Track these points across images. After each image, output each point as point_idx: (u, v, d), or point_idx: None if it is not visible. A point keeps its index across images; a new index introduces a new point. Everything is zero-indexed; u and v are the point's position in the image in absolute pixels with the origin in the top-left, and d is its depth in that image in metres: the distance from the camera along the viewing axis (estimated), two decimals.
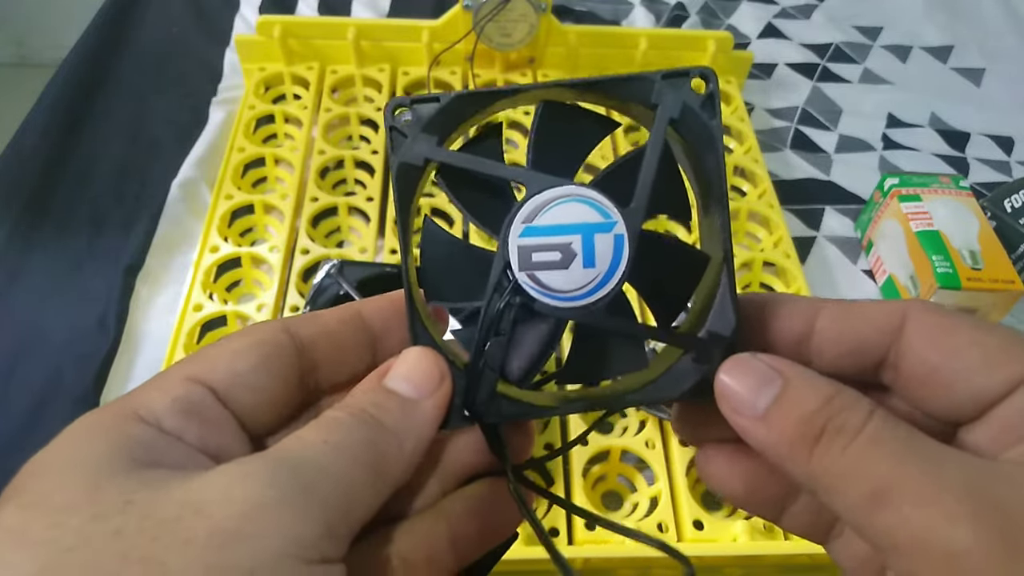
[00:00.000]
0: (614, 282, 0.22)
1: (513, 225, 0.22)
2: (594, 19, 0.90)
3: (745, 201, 0.67)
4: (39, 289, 0.61)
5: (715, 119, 0.22)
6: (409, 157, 0.22)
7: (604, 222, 0.22)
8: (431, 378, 0.21)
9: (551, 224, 0.22)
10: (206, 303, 0.56)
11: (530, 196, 0.22)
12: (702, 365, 0.22)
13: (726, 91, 0.77)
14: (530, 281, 0.22)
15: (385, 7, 0.89)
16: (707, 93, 0.22)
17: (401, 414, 0.20)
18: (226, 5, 0.88)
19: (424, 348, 0.22)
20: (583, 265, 0.22)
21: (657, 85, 0.23)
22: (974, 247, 0.60)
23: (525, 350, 0.23)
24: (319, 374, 0.22)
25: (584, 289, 0.22)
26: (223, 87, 0.78)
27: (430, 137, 0.22)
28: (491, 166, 0.22)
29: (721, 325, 0.22)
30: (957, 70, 0.89)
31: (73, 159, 0.71)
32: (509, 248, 0.22)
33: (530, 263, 0.22)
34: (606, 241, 0.22)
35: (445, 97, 0.23)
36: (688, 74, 0.23)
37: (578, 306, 0.22)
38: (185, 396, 0.19)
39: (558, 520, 0.47)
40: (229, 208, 0.62)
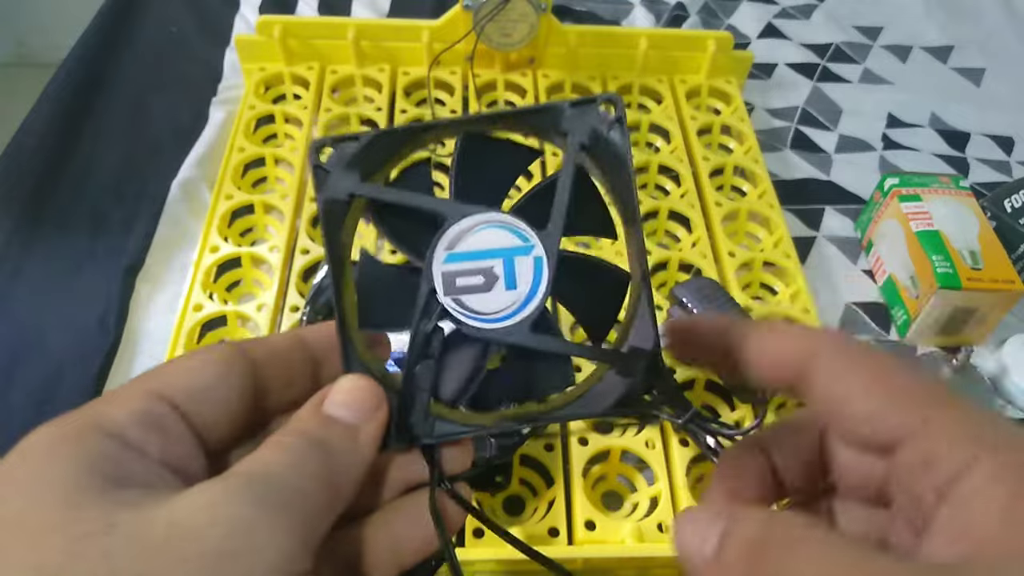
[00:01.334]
0: (536, 303, 0.23)
1: (436, 252, 0.23)
2: (594, 19, 0.90)
3: (745, 201, 0.67)
4: (39, 289, 0.61)
5: (623, 141, 0.24)
6: (332, 193, 0.23)
7: (523, 245, 0.23)
8: (368, 404, 0.22)
9: (473, 250, 0.23)
10: (206, 303, 0.56)
11: (451, 224, 0.23)
12: (626, 379, 0.23)
13: (726, 91, 0.77)
14: (455, 305, 0.23)
15: (385, 7, 0.89)
16: (615, 118, 0.24)
17: (345, 438, 0.21)
18: (226, 5, 0.88)
19: (359, 375, 0.23)
20: (505, 287, 0.23)
21: (567, 113, 0.24)
22: (974, 247, 0.60)
23: (456, 371, 0.24)
24: (269, 395, 0.23)
25: (507, 310, 0.23)
26: (223, 87, 0.78)
27: (352, 173, 0.23)
28: (412, 198, 0.24)
29: (642, 340, 0.23)
30: (957, 70, 0.89)
31: (73, 159, 0.71)
32: (433, 274, 0.23)
33: (454, 288, 0.23)
34: (526, 264, 0.23)
35: (365, 136, 0.24)
36: (595, 100, 0.24)
37: (502, 327, 0.23)
38: (146, 409, 0.20)
39: (558, 520, 0.47)
40: (229, 208, 0.62)
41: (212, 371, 0.21)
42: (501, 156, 0.25)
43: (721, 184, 0.70)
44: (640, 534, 0.46)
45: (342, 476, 0.21)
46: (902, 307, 0.62)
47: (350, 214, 0.24)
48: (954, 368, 0.57)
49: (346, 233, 0.24)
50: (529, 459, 0.50)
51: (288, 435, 0.21)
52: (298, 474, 0.19)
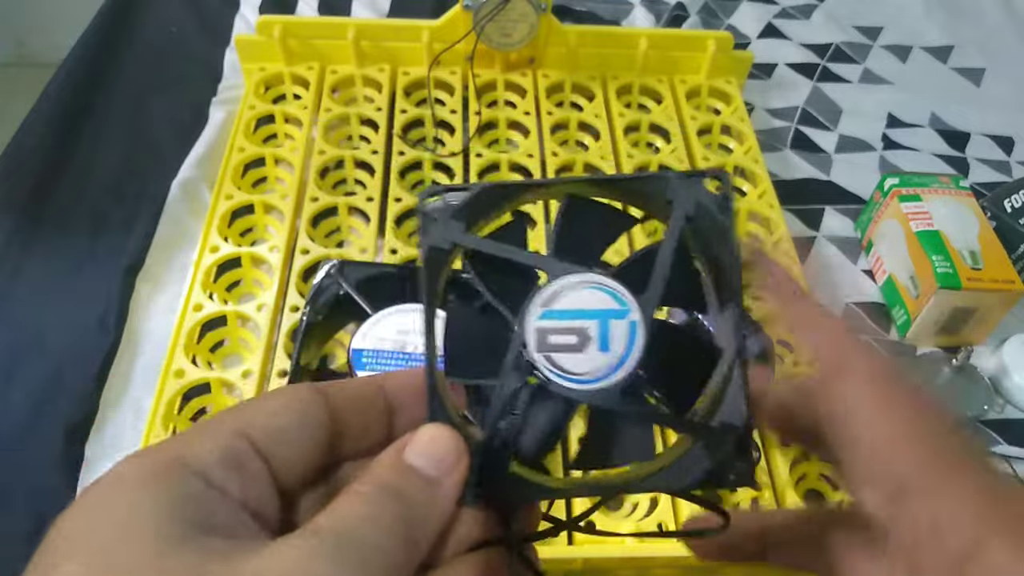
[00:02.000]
0: (628, 367, 0.23)
1: (531, 307, 0.23)
2: (594, 19, 0.90)
3: (745, 201, 0.67)
4: (39, 289, 0.61)
5: (728, 218, 0.24)
6: (438, 241, 0.23)
7: (620, 309, 0.23)
8: (450, 456, 0.22)
9: (568, 308, 0.23)
10: (206, 303, 0.56)
11: (550, 281, 0.23)
12: (713, 454, 0.23)
13: (726, 91, 0.77)
14: (546, 362, 0.23)
15: (385, 7, 0.89)
16: (722, 194, 0.24)
17: (425, 491, 0.21)
18: (226, 5, 0.88)
19: (442, 425, 0.22)
20: (599, 349, 0.23)
21: (672, 183, 0.24)
22: (974, 247, 0.60)
23: (537, 430, 0.23)
24: (345, 440, 0.23)
25: (598, 373, 0.23)
26: (223, 87, 0.78)
27: (458, 223, 0.24)
28: (514, 252, 0.24)
29: (733, 416, 0.23)
30: (957, 70, 0.89)
31: (73, 159, 0.71)
32: (527, 329, 0.23)
33: (546, 345, 0.23)
34: (621, 327, 0.23)
35: (475, 187, 0.24)
36: (704, 174, 0.24)
37: (592, 389, 0.23)
38: (230, 447, 0.20)
39: None
40: (229, 208, 0.62)
41: (294, 413, 0.21)
42: (601, 219, 0.25)
43: None
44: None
45: (419, 530, 0.20)
46: (902, 307, 0.62)
47: (449, 263, 0.24)
48: (954, 368, 0.57)
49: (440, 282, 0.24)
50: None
51: (367, 484, 0.20)
52: (377, 529, 0.19)
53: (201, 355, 0.55)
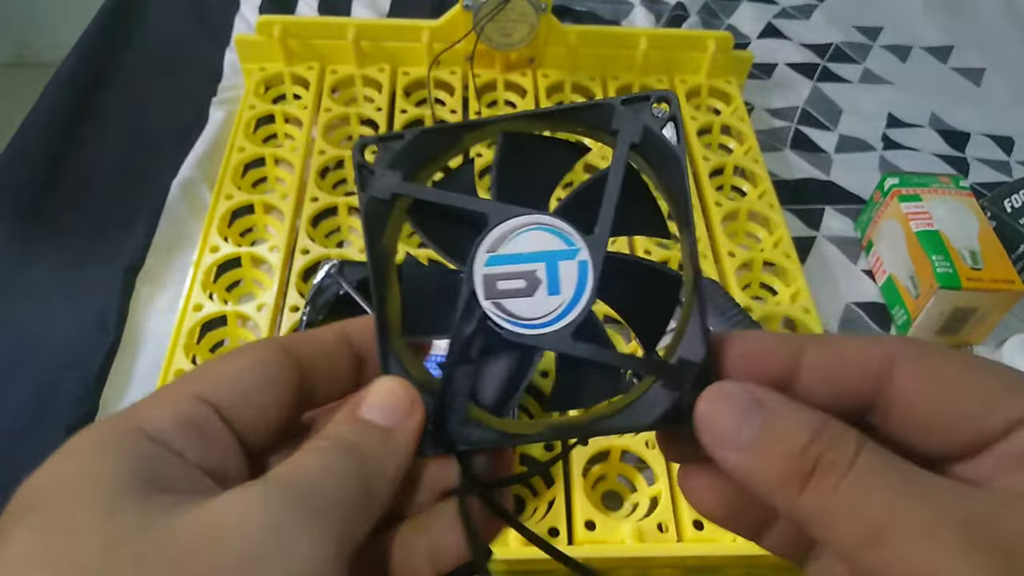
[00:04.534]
0: (579, 309, 0.22)
1: (477, 255, 0.22)
2: (594, 19, 0.90)
3: (745, 201, 0.67)
4: (39, 289, 0.61)
5: (678, 141, 0.23)
6: (376, 192, 0.23)
7: (567, 249, 0.23)
8: (402, 407, 0.22)
9: (515, 253, 0.23)
10: (206, 303, 0.56)
11: (493, 226, 0.22)
12: (673, 392, 0.22)
13: (726, 91, 0.77)
14: (496, 309, 0.22)
15: (385, 7, 0.89)
16: (669, 116, 0.23)
17: (379, 442, 0.21)
18: (226, 5, 0.88)
19: (394, 378, 0.22)
20: (548, 292, 0.22)
21: (617, 111, 0.23)
22: (974, 247, 0.60)
23: (498, 378, 0.23)
24: (315, 394, 0.23)
25: (550, 316, 0.22)
26: (223, 87, 0.78)
27: (396, 172, 0.23)
28: (454, 198, 0.23)
29: (691, 351, 0.22)
30: (957, 70, 0.89)
31: (73, 159, 0.71)
32: (474, 277, 0.22)
33: (495, 291, 0.22)
34: (570, 268, 0.23)
35: (410, 133, 0.23)
36: (648, 98, 0.23)
37: (544, 333, 0.22)
38: (189, 412, 0.20)
39: (558, 520, 0.47)
40: (229, 208, 0.62)
41: (259, 373, 0.21)
42: (545, 155, 0.24)
43: (721, 184, 0.70)
44: (640, 534, 0.46)
45: (376, 480, 0.20)
46: (902, 307, 0.62)
47: (393, 215, 0.23)
48: None
49: (389, 236, 0.23)
50: (529, 459, 0.50)
51: (322, 440, 0.20)
52: (331, 478, 0.19)
53: (201, 355, 0.55)
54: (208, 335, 0.56)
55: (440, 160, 0.24)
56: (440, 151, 0.24)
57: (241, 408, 0.20)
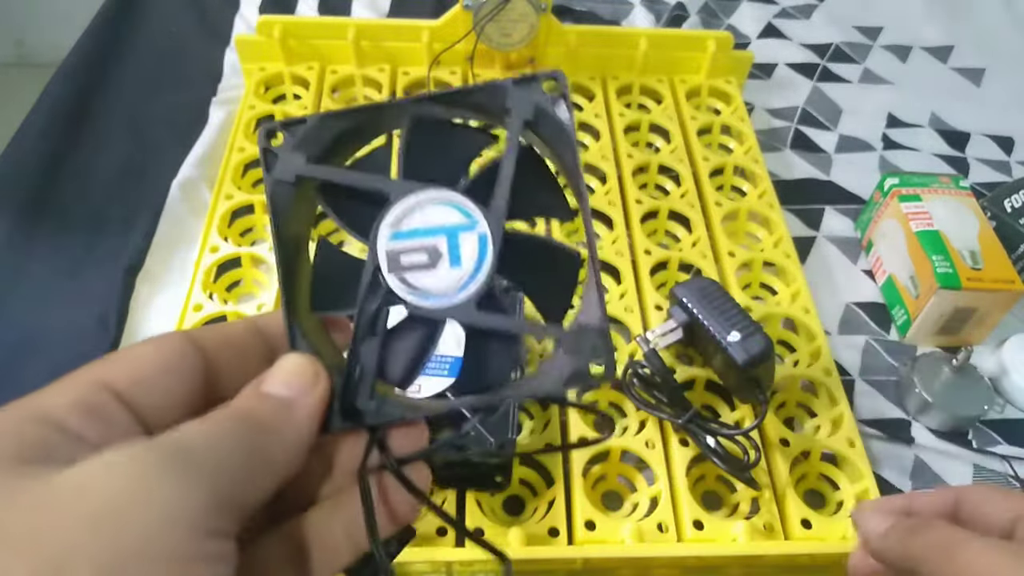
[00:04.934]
0: (480, 280, 0.23)
1: (380, 230, 0.23)
2: (594, 19, 0.90)
3: (745, 201, 0.67)
4: (39, 289, 0.61)
5: (568, 118, 0.23)
6: (280, 174, 0.24)
7: (467, 223, 0.23)
8: (304, 379, 0.22)
9: (416, 227, 0.23)
10: (206, 303, 0.56)
11: (394, 201, 0.23)
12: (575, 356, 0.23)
13: (726, 91, 0.77)
14: (399, 283, 0.23)
15: (385, 7, 0.89)
16: (559, 93, 0.24)
17: (278, 413, 0.21)
18: (226, 5, 0.88)
19: (299, 354, 0.23)
20: (450, 265, 0.23)
21: (510, 91, 0.24)
22: (974, 247, 0.60)
23: (404, 353, 0.24)
24: (222, 381, 0.23)
25: (451, 288, 0.23)
26: (223, 87, 0.78)
27: (300, 155, 0.24)
28: (355, 178, 0.24)
29: (589, 317, 0.23)
30: (957, 70, 0.89)
31: (73, 159, 0.71)
32: (378, 251, 0.23)
33: (399, 265, 0.23)
34: (471, 240, 0.23)
35: (313, 118, 0.24)
36: (537, 78, 0.24)
37: (447, 306, 0.23)
38: (85, 397, 0.20)
39: (558, 520, 0.47)
40: (229, 208, 0.62)
41: (160, 359, 0.21)
42: (452, 140, 0.25)
43: (721, 184, 0.70)
44: (640, 534, 0.46)
45: (273, 447, 0.21)
46: (902, 307, 0.62)
47: (299, 198, 0.24)
48: (954, 368, 0.57)
49: (297, 219, 0.24)
50: (529, 459, 0.50)
51: (217, 411, 0.21)
52: (214, 439, 0.19)
53: None
54: None
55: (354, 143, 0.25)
56: (350, 135, 0.24)
57: (142, 393, 0.21)
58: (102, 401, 0.20)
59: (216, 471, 0.19)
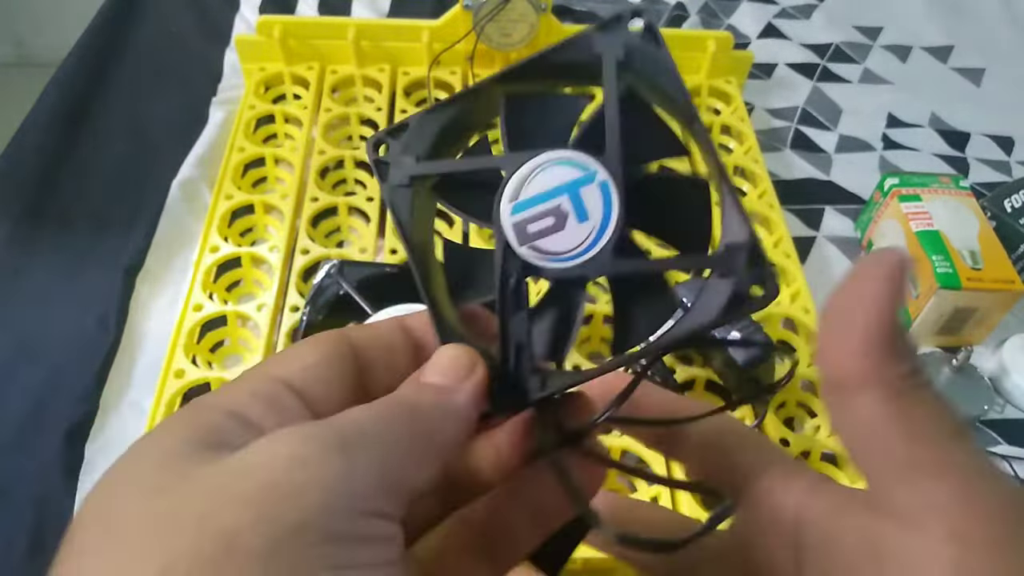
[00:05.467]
0: (612, 227, 0.22)
1: (502, 206, 0.23)
2: (594, 19, 0.90)
3: (745, 201, 0.67)
4: (39, 289, 0.61)
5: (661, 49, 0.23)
6: (394, 180, 0.24)
7: (585, 175, 0.23)
8: (461, 366, 0.22)
9: (536, 193, 0.23)
10: (206, 303, 0.56)
11: (510, 175, 0.23)
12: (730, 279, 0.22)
13: (726, 91, 0.77)
14: (532, 252, 0.23)
15: (385, 7, 0.89)
16: (645, 27, 0.23)
17: (438, 400, 0.21)
18: (226, 5, 0.88)
19: (453, 344, 0.23)
20: (577, 221, 0.23)
21: (596, 37, 0.23)
22: (974, 247, 0.60)
23: (548, 323, 0.23)
24: (374, 377, 0.23)
25: (585, 243, 0.23)
26: (223, 87, 0.78)
27: (409, 157, 0.24)
28: (466, 163, 0.24)
29: (734, 235, 0.22)
30: (957, 70, 0.89)
31: (73, 159, 0.71)
32: (504, 228, 0.23)
33: (527, 235, 0.23)
34: (593, 192, 0.23)
35: (413, 119, 0.24)
36: (620, 18, 0.23)
37: (585, 260, 0.22)
38: (263, 388, 0.20)
39: None
40: (229, 208, 0.62)
41: (320, 354, 0.22)
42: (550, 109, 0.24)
43: None
44: None
45: (435, 432, 0.21)
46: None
47: (417, 200, 0.24)
48: (954, 368, 0.57)
49: (421, 220, 0.24)
50: None
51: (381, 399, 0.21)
52: (381, 425, 0.20)
53: (201, 355, 0.55)
54: (208, 335, 0.56)
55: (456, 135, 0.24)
56: (451, 127, 0.24)
57: (308, 383, 0.21)
58: (276, 392, 0.20)
59: (381, 453, 0.19)
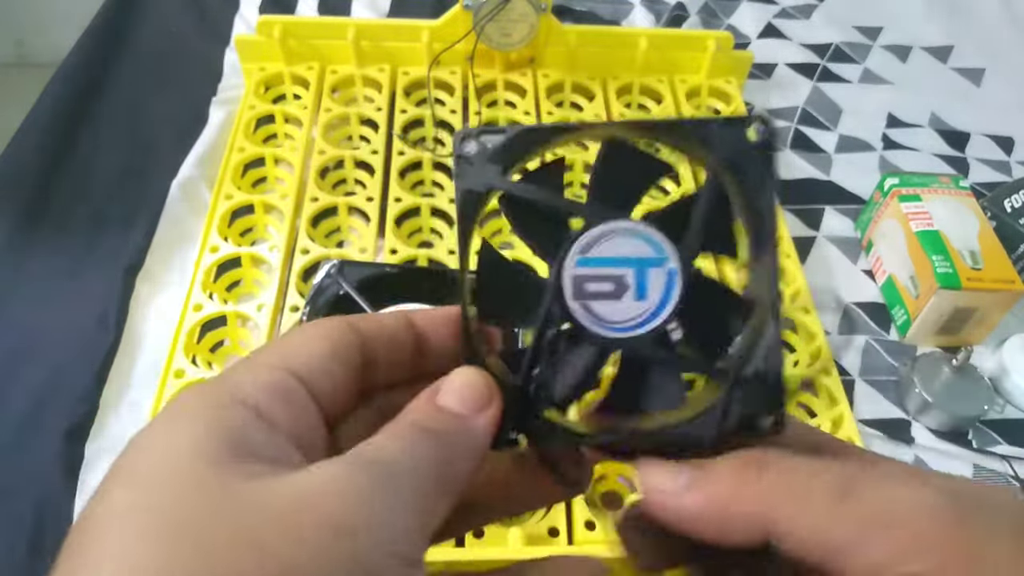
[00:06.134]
0: (665, 315, 0.23)
1: (569, 255, 0.23)
2: (594, 19, 0.90)
3: None
4: (39, 289, 0.61)
5: (769, 165, 0.23)
6: (474, 184, 0.23)
7: (658, 257, 0.23)
8: (480, 396, 0.22)
9: (606, 256, 0.23)
10: (206, 303, 0.56)
11: (587, 228, 0.23)
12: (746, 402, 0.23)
13: (726, 91, 0.77)
14: (582, 310, 0.23)
15: (385, 7, 0.89)
16: (763, 139, 0.23)
17: (456, 429, 0.21)
18: (226, 5, 0.88)
19: (474, 368, 0.23)
20: (635, 298, 0.23)
21: (714, 130, 0.24)
22: (974, 247, 0.60)
23: (569, 376, 0.23)
24: (376, 368, 0.23)
25: (634, 321, 0.23)
26: (223, 87, 0.78)
27: (495, 167, 0.23)
28: (553, 197, 0.24)
29: (767, 367, 0.23)
30: (957, 70, 0.89)
31: (73, 159, 0.71)
32: (564, 277, 0.23)
33: (583, 293, 0.23)
34: (659, 275, 0.23)
35: (512, 129, 0.24)
36: (744, 121, 0.24)
37: (627, 336, 0.23)
38: (276, 380, 0.20)
39: (558, 520, 0.47)
40: (229, 208, 0.62)
41: (327, 342, 0.22)
42: (638, 166, 0.25)
43: None
44: None
45: (455, 464, 0.21)
46: (902, 307, 0.62)
47: (483, 206, 0.24)
48: (954, 368, 0.57)
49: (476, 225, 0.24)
50: None
51: (401, 423, 0.21)
52: (411, 459, 0.19)
53: (201, 355, 0.55)
54: (208, 335, 0.56)
55: (527, 158, 0.25)
56: (536, 149, 0.24)
57: (317, 375, 0.21)
58: (288, 384, 0.20)
59: (419, 491, 0.19)
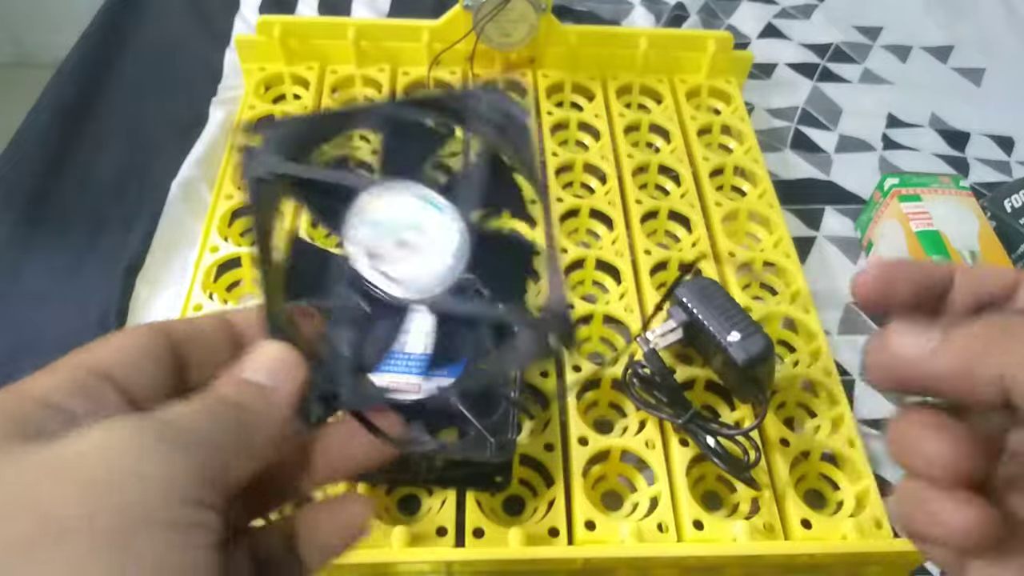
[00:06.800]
0: (455, 270, 0.24)
1: (351, 220, 0.24)
2: (594, 19, 0.90)
3: (745, 201, 0.67)
4: (39, 289, 0.61)
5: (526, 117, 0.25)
6: (257, 172, 0.25)
7: (437, 215, 0.25)
8: (283, 366, 0.23)
9: (385, 218, 0.25)
10: (206, 303, 0.56)
11: (364, 193, 0.25)
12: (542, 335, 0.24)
13: (726, 91, 0.77)
14: (372, 271, 0.24)
15: (385, 7, 0.89)
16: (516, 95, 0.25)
17: (258, 398, 0.22)
18: (226, 5, 0.88)
19: (276, 342, 0.23)
20: (425, 256, 0.24)
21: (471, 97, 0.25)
22: (974, 247, 0.60)
23: (377, 340, 0.25)
24: (191, 371, 0.24)
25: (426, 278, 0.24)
26: (223, 87, 0.78)
27: (278, 155, 0.25)
28: (328, 174, 0.25)
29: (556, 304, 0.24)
30: (957, 70, 0.89)
31: (73, 159, 0.71)
32: (351, 242, 0.24)
33: (370, 254, 0.24)
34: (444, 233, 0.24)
35: (291, 120, 0.26)
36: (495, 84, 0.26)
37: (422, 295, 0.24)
38: (75, 377, 0.21)
39: (558, 520, 0.47)
40: (229, 208, 0.62)
41: (136, 344, 0.22)
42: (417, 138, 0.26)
43: (721, 184, 0.70)
44: (640, 534, 0.46)
45: (254, 431, 0.22)
46: None
47: (275, 193, 0.25)
48: None
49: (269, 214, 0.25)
50: (529, 459, 0.50)
51: (205, 394, 0.22)
52: (202, 422, 0.20)
53: None
54: None
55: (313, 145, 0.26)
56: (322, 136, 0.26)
57: (124, 372, 0.22)
58: (91, 381, 0.21)
59: (202, 448, 0.20)
